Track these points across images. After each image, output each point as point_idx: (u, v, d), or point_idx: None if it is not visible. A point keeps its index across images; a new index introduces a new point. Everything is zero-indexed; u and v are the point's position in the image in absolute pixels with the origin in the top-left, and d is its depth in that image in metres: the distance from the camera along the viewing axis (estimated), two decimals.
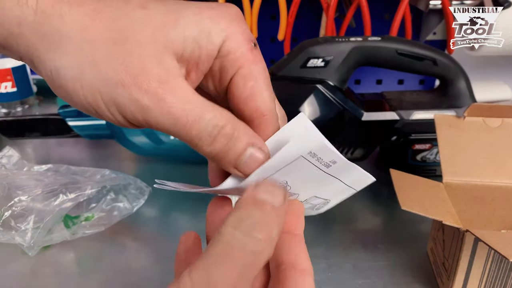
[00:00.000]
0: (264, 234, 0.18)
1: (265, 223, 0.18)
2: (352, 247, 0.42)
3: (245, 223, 0.18)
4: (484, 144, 0.39)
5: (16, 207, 0.42)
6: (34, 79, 0.80)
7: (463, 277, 0.33)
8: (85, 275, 0.40)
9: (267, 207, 0.18)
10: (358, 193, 0.27)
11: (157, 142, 0.53)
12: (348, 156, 0.53)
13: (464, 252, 0.32)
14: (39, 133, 0.59)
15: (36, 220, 0.41)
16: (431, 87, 0.82)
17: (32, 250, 0.41)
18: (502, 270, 0.33)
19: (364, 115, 0.51)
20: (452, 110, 0.51)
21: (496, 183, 0.38)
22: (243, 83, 0.21)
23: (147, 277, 0.39)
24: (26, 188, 0.44)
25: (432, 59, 0.50)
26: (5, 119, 0.59)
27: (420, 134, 0.52)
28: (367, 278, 0.38)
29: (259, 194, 0.18)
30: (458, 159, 0.39)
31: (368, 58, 0.50)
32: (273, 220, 0.18)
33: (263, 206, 0.18)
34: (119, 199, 0.46)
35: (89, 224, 0.43)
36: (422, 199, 0.34)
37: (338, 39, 0.49)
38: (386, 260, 0.40)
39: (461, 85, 0.52)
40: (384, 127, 0.52)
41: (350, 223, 0.47)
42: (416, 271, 0.39)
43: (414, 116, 0.51)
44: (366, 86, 0.83)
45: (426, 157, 0.53)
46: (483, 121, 0.40)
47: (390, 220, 0.47)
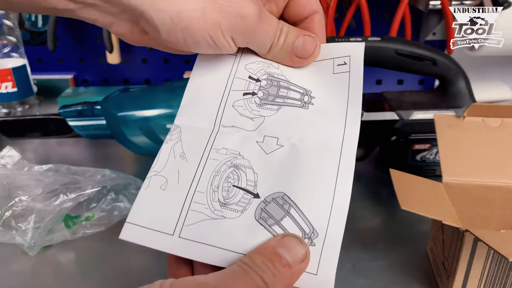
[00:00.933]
0: (270, 284, 0.20)
1: (275, 277, 0.20)
2: (352, 247, 0.42)
3: (259, 264, 0.21)
4: (484, 144, 0.39)
5: (17, 207, 0.42)
6: (34, 79, 0.80)
7: (462, 276, 0.34)
8: (85, 275, 0.40)
9: (281, 264, 0.21)
10: (358, 193, 0.27)
11: (157, 142, 0.53)
12: None
13: (464, 252, 0.32)
14: (40, 133, 0.59)
15: (37, 220, 0.41)
16: (431, 87, 0.82)
17: (32, 250, 0.41)
18: (501, 270, 0.33)
19: (364, 115, 0.51)
20: (452, 110, 0.51)
21: (496, 183, 0.38)
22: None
23: (147, 277, 0.39)
24: (26, 188, 0.44)
25: (431, 59, 0.50)
26: (5, 119, 0.59)
27: (420, 134, 0.52)
28: (367, 278, 0.39)
29: (280, 248, 0.22)
30: (458, 159, 0.39)
31: (368, 58, 0.50)
32: (283, 278, 0.21)
33: (278, 263, 0.21)
34: (120, 199, 0.46)
35: (90, 224, 0.43)
36: (422, 199, 0.34)
37: (338, 39, 0.49)
38: (386, 260, 0.40)
39: (460, 85, 0.52)
40: (383, 127, 0.52)
41: (350, 223, 0.46)
42: (416, 271, 0.39)
43: (414, 116, 0.51)
44: (366, 86, 0.83)
45: (426, 157, 0.53)
46: (483, 121, 0.40)
47: (390, 220, 0.47)
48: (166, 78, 0.85)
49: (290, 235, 0.23)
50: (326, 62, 0.30)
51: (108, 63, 0.78)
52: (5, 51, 0.72)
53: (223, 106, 0.28)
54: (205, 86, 0.29)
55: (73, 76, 0.84)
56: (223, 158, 0.26)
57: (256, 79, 0.29)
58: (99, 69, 0.85)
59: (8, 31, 0.71)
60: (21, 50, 0.74)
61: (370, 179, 0.55)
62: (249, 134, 0.27)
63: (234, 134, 0.27)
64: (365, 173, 0.56)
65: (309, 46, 0.29)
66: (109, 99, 0.55)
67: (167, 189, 0.25)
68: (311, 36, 0.29)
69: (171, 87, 0.54)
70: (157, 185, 0.25)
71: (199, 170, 0.26)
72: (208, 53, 0.28)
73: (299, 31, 0.29)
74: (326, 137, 0.26)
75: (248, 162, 0.26)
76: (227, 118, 0.28)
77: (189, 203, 0.24)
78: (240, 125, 0.27)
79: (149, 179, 0.26)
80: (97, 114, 0.55)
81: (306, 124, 0.27)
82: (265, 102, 0.28)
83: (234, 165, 0.26)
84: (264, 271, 0.20)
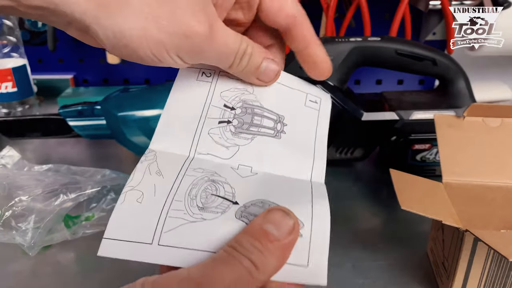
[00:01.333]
0: (260, 264, 0.20)
1: (263, 257, 0.20)
2: (352, 247, 0.42)
3: (245, 246, 0.20)
4: (484, 144, 0.39)
5: (17, 207, 0.42)
6: (34, 79, 0.80)
7: (462, 276, 0.34)
8: (85, 275, 0.40)
9: (268, 241, 0.20)
10: (358, 193, 0.27)
11: None
12: (348, 156, 0.53)
13: (464, 252, 0.32)
14: (40, 133, 0.59)
15: (37, 220, 0.41)
16: (431, 87, 0.83)
17: (32, 250, 0.41)
18: (501, 270, 0.33)
19: (364, 115, 0.51)
20: (452, 110, 0.51)
21: (496, 183, 0.38)
22: (270, 1, 0.27)
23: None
24: (26, 188, 0.44)
25: (431, 59, 0.50)
26: (5, 119, 0.59)
27: (420, 134, 0.52)
28: (367, 278, 0.39)
29: (265, 224, 0.21)
30: (458, 159, 0.39)
31: (368, 58, 0.50)
32: (273, 253, 0.20)
33: (264, 240, 0.20)
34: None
35: (90, 224, 0.43)
36: (422, 199, 0.34)
37: (338, 39, 0.49)
38: (386, 260, 0.40)
39: (460, 85, 0.52)
40: (383, 127, 0.52)
41: (350, 223, 0.47)
42: (416, 271, 0.39)
43: (414, 116, 0.51)
44: (366, 86, 0.83)
45: (426, 157, 0.53)
46: (482, 121, 0.40)
47: (390, 220, 0.47)
48: (166, 78, 0.85)
49: (274, 208, 0.22)
50: (300, 93, 0.31)
51: (108, 63, 0.78)
52: (5, 51, 0.72)
53: (199, 133, 0.28)
54: (181, 113, 0.29)
55: (73, 76, 0.84)
56: (200, 175, 0.26)
57: (231, 107, 0.29)
58: (99, 69, 0.85)
59: (8, 31, 0.71)
60: (21, 50, 0.74)
61: (370, 179, 0.55)
62: (224, 162, 0.27)
63: (209, 161, 0.27)
64: (365, 173, 0.56)
65: (270, 74, 0.29)
66: (109, 99, 0.55)
67: (144, 202, 0.24)
68: (274, 62, 0.29)
69: (171, 87, 0.54)
70: (133, 198, 0.24)
71: (176, 184, 0.25)
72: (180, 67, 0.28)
73: (264, 53, 0.28)
74: (296, 168, 0.28)
75: (224, 179, 0.26)
76: (202, 146, 0.28)
77: (167, 211, 0.24)
78: (215, 153, 0.28)
79: (125, 194, 0.25)
80: (97, 114, 0.55)
81: (278, 155, 0.28)
82: (240, 131, 0.28)
83: (212, 180, 0.26)
84: (252, 252, 0.20)
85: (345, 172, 0.55)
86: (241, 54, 0.27)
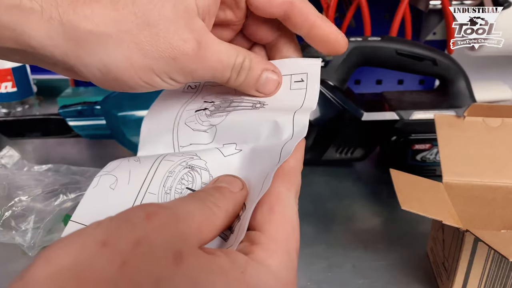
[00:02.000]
0: (221, 205, 0.20)
1: (222, 200, 0.21)
2: (352, 247, 0.42)
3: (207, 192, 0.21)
4: (484, 144, 0.39)
5: (16, 207, 0.42)
6: (34, 79, 0.80)
7: (463, 277, 0.34)
8: None
9: (225, 190, 0.21)
10: (358, 193, 0.27)
11: None
12: (348, 156, 0.53)
13: (464, 252, 0.32)
14: (39, 133, 0.59)
15: (36, 220, 0.41)
16: (431, 87, 0.82)
17: (32, 250, 0.41)
18: (502, 270, 0.33)
19: (364, 115, 0.51)
20: (452, 110, 0.51)
21: (496, 183, 0.38)
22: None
23: None
24: (26, 188, 0.44)
25: (432, 59, 0.50)
26: (5, 119, 0.59)
27: (420, 134, 0.52)
28: (367, 278, 0.39)
29: (218, 183, 0.22)
30: (458, 159, 0.39)
31: (368, 58, 0.50)
32: (229, 199, 0.21)
33: (221, 189, 0.21)
34: None
35: None
36: (422, 199, 0.34)
37: None
38: (386, 260, 0.40)
39: (461, 85, 0.52)
40: (384, 127, 0.52)
41: (350, 223, 0.47)
42: (416, 271, 0.39)
43: (414, 116, 0.51)
44: (366, 86, 0.83)
45: (426, 157, 0.53)
46: (483, 121, 0.40)
47: (390, 220, 0.47)
48: None
49: (222, 175, 0.23)
50: (284, 78, 0.28)
51: None
52: None
53: (176, 127, 0.28)
54: (161, 118, 0.29)
55: None
56: (178, 159, 0.25)
57: (211, 101, 0.28)
58: None
59: None
60: None
61: (370, 179, 0.55)
62: (208, 147, 0.26)
63: (193, 150, 0.27)
64: (365, 173, 0.56)
65: (271, 86, 0.27)
66: (109, 99, 0.55)
67: (116, 189, 0.24)
68: (274, 74, 0.27)
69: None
70: (106, 184, 0.24)
71: (151, 171, 0.25)
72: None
73: (263, 64, 0.26)
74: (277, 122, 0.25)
75: (204, 163, 0.25)
76: (183, 138, 0.27)
77: (140, 203, 0.23)
78: (196, 141, 0.27)
79: (99, 178, 0.24)
80: (97, 114, 0.55)
81: (259, 121, 0.25)
82: (215, 112, 0.27)
83: (190, 166, 0.25)
84: (212, 194, 0.21)
85: (345, 172, 0.55)
86: (237, 68, 0.25)
